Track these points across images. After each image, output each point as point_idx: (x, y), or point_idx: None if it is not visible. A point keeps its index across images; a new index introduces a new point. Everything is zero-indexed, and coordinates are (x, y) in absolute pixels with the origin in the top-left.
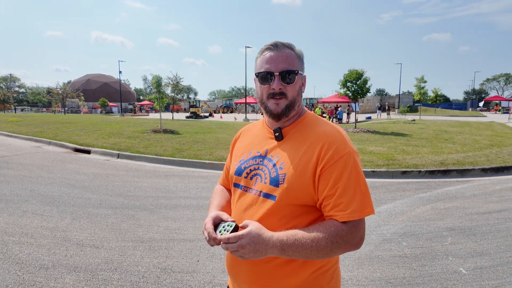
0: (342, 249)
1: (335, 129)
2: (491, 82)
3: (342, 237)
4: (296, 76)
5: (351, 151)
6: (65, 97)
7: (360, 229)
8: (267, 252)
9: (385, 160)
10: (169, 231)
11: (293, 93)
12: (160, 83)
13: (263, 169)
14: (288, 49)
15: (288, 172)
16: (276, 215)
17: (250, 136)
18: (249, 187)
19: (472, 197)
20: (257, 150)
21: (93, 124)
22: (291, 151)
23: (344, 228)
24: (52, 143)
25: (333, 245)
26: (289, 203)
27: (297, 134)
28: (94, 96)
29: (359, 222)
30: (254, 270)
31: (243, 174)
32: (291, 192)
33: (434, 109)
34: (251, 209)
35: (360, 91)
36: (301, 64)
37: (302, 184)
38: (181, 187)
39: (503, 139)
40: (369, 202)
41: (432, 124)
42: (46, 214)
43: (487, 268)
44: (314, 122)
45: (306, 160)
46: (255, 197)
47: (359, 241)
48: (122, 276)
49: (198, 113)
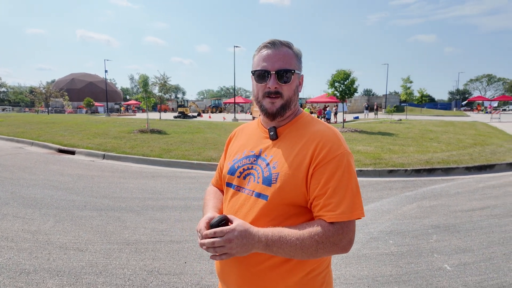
0: (328, 251)
1: (330, 129)
2: (474, 83)
3: (328, 238)
4: (293, 75)
5: (345, 152)
6: (48, 96)
7: (349, 232)
8: (253, 246)
9: (372, 159)
10: (156, 232)
11: (289, 92)
12: (147, 83)
13: (257, 168)
14: (286, 48)
15: (281, 172)
16: (269, 215)
17: (245, 135)
18: (242, 186)
19: (456, 195)
20: (251, 149)
21: (78, 124)
22: (285, 150)
23: (331, 229)
24: (34, 143)
25: (318, 245)
26: (282, 203)
27: (292, 133)
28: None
29: (348, 224)
30: (244, 274)
31: (236, 174)
32: (283, 192)
33: (420, 109)
34: (243, 208)
35: (348, 91)
36: (298, 63)
37: (295, 183)
38: (168, 188)
39: (485, 138)
40: (359, 205)
41: (418, 124)
42: (27, 217)
43: (470, 264)
44: (310, 122)
45: (300, 159)
46: (247, 197)
47: (347, 244)
48: (107, 279)
49: (186, 113)
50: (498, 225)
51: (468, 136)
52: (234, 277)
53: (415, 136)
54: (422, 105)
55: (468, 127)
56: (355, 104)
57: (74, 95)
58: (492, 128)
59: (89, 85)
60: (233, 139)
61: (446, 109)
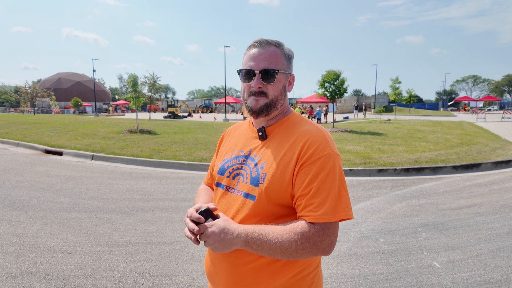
0: (308, 252)
1: (318, 130)
2: (460, 83)
3: (308, 239)
4: (277, 75)
5: (332, 153)
6: (34, 96)
7: (330, 234)
8: (232, 242)
9: (362, 159)
10: (146, 234)
11: (275, 92)
12: (136, 82)
13: (246, 168)
14: (274, 47)
15: (268, 172)
16: (257, 215)
17: (236, 135)
18: (232, 187)
19: (444, 194)
20: (241, 149)
21: (65, 124)
22: (273, 150)
23: (311, 230)
24: (20, 144)
25: (298, 246)
26: (269, 203)
27: (281, 133)
28: (66, 96)
29: (329, 226)
30: (232, 274)
31: (226, 174)
32: (270, 192)
33: (408, 109)
34: (232, 208)
35: (338, 91)
36: (287, 63)
37: (281, 184)
38: (158, 188)
39: (472, 138)
40: (343, 206)
41: (407, 124)
42: (13, 220)
43: (458, 261)
44: (299, 122)
45: (287, 160)
46: (236, 197)
47: (328, 246)
48: (97, 282)
49: (176, 113)
50: (485, 223)
51: (455, 135)
52: (222, 277)
53: (404, 135)
54: (410, 105)
55: (455, 127)
56: (345, 104)
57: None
58: (478, 128)
59: (76, 85)
60: (224, 138)
61: (434, 109)
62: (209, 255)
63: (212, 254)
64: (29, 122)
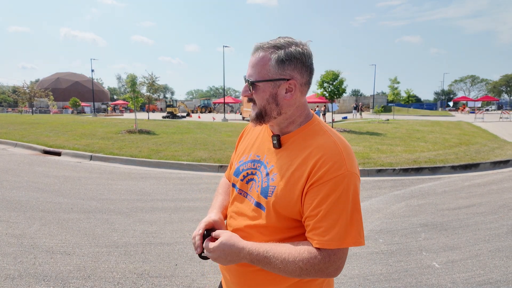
0: (313, 276)
1: (335, 144)
2: (459, 83)
3: (313, 266)
4: (260, 84)
5: (347, 173)
6: (33, 96)
7: (336, 260)
8: (240, 261)
9: (361, 158)
10: (145, 235)
11: (261, 101)
12: (135, 82)
13: (258, 175)
14: (262, 52)
15: (278, 186)
16: (266, 226)
17: (253, 135)
18: (245, 191)
19: (443, 194)
20: (256, 153)
21: (63, 124)
22: (285, 162)
23: (317, 256)
24: (18, 144)
25: (302, 271)
26: (278, 216)
27: (296, 143)
28: (65, 96)
29: (337, 252)
30: (240, 272)
31: (240, 177)
32: (278, 207)
33: (407, 109)
34: (244, 214)
35: (337, 91)
36: (276, 69)
37: (290, 200)
38: (157, 189)
39: (470, 138)
40: (353, 234)
41: (405, 124)
42: (11, 221)
43: (458, 262)
44: (317, 132)
45: (298, 176)
46: (249, 203)
47: (334, 271)
48: (96, 283)
49: (175, 113)
50: (484, 223)
51: (454, 135)
52: (232, 274)
53: (403, 136)
54: (409, 105)
55: (453, 126)
56: (344, 104)
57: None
58: (476, 128)
59: (75, 85)
60: (244, 135)
61: (432, 109)
62: None
63: None
64: (27, 122)
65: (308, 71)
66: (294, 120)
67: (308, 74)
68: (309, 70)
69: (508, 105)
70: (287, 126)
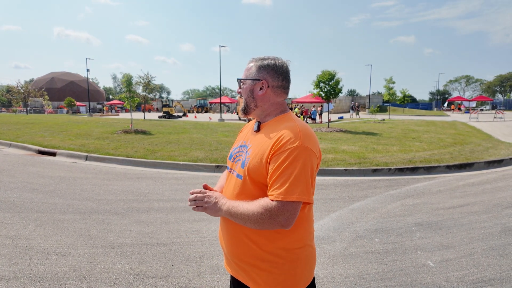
0: (269, 223)
1: (297, 126)
2: (453, 83)
3: (267, 211)
4: (246, 82)
5: (299, 146)
6: (27, 96)
7: (284, 211)
8: (219, 209)
9: (357, 158)
10: (141, 235)
11: (244, 96)
12: (131, 82)
13: (242, 154)
14: (252, 63)
15: (251, 157)
16: (244, 192)
17: (246, 129)
18: (233, 169)
19: (438, 193)
20: (243, 140)
21: (58, 124)
22: (260, 141)
23: (270, 206)
24: (12, 145)
25: (259, 215)
26: (251, 182)
27: (270, 128)
28: (60, 95)
29: (285, 204)
30: (229, 241)
31: (231, 159)
32: (250, 173)
33: (402, 109)
34: (230, 185)
35: (333, 91)
36: (258, 72)
37: (259, 167)
38: (154, 189)
39: (465, 137)
40: (298, 190)
41: (401, 124)
42: (6, 222)
43: (452, 260)
44: (287, 119)
45: (265, 148)
46: (233, 177)
47: (284, 221)
48: (92, 284)
49: (171, 113)
50: (478, 222)
51: (449, 135)
52: (225, 243)
53: (398, 135)
54: (404, 105)
55: (448, 126)
56: (340, 104)
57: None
58: (471, 128)
59: (70, 84)
60: (242, 131)
61: (427, 109)
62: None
63: (221, 222)
64: (21, 122)
65: (280, 77)
66: (270, 113)
67: (281, 80)
68: (281, 77)
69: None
70: (264, 117)
